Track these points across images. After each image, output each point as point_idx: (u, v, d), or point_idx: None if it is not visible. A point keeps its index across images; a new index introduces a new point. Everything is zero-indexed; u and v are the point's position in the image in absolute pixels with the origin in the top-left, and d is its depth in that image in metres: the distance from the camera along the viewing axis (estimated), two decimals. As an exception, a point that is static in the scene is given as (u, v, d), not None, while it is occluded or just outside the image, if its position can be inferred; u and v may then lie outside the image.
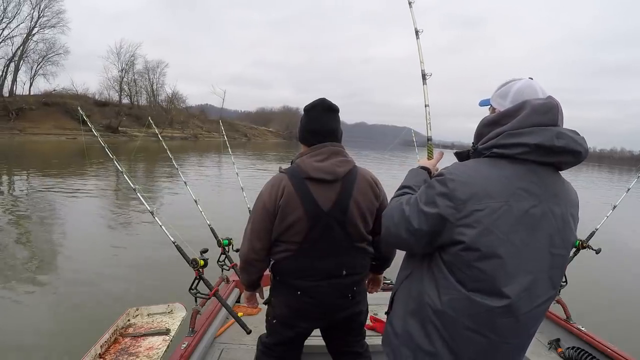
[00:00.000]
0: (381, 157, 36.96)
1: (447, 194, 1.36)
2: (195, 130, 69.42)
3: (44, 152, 31.11)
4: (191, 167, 25.08)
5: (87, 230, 9.72)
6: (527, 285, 1.33)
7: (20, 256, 7.55)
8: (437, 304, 1.40)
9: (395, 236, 1.52)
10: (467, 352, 1.38)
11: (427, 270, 1.46)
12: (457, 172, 1.39)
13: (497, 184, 1.34)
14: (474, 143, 1.52)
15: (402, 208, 1.49)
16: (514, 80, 1.54)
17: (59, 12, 54.20)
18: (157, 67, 71.02)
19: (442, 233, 1.37)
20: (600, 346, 2.86)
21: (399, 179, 1.81)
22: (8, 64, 51.48)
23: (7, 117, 44.12)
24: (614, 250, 8.51)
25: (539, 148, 1.32)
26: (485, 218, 1.31)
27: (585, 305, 3.22)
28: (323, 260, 2.08)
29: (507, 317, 1.33)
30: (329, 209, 2.04)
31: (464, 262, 1.34)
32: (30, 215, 10.86)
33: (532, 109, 1.36)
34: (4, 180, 17.81)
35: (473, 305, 1.33)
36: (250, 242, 2.12)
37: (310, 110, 2.19)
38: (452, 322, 1.37)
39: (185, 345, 2.73)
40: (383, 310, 3.62)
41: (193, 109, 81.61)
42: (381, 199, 2.20)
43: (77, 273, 6.76)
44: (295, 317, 2.17)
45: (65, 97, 52.68)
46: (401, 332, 1.53)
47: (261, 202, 2.09)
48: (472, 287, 1.34)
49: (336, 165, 2.07)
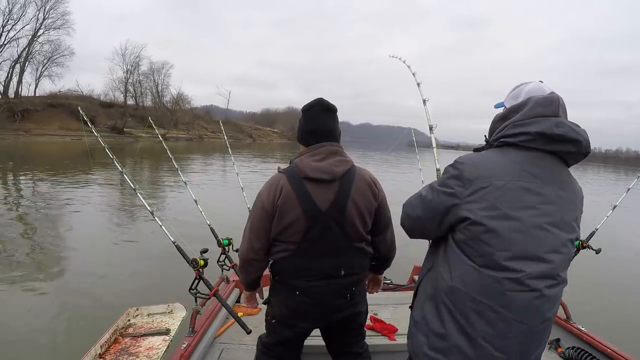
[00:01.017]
0: (386, 158, 37.01)
1: (457, 175, 1.49)
2: (200, 131, 69.62)
3: (49, 153, 31.27)
4: (194, 168, 25.16)
5: (87, 230, 9.77)
6: (534, 263, 1.39)
7: (20, 256, 7.56)
8: (448, 280, 1.48)
9: (414, 218, 1.66)
10: (479, 330, 1.40)
11: (443, 255, 1.55)
12: (468, 157, 1.54)
13: (503, 166, 1.46)
14: (486, 137, 1.67)
15: (421, 193, 1.65)
16: (525, 83, 1.65)
17: (64, 14, 54.37)
18: (162, 68, 71.45)
19: (451, 210, 1.49)
20: (600, 346, 2.85)
21: (406, 181, 1.84)
22: (14, 66, 51.72)
23: (13, 118, 44.27)
24: (614, 251, 8.48)
25: (540, 136, 1.44)
26: (490, 194, 1.42)
27: (585, 305, 3.21)
28: (321, 260, 2.08)
29: (516, 292, 1.37)
30: (327, 209, 2.04)
31: (472, 236, 1.44)
32: (32, 215, 10.93)
33: (534, 102, 1.50)
34: (7, 180, 17.96)
35: (482, 278, 1.40)
36: (249, 241, 2.12)
37: (308, 110, 2.20)
38: (462, 298, 1.43)
39: (185, 345, 2.72)
40: (383, 310, 3.66)
41: (198, 109, 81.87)
42: (380, 199, 2.19)
43: (77, 273, 6.79)
44: (294, 317, 2.17)
45: (71, 98, 52.81)
46: (419, 320, 1.60)
47: (260, 202, 2.09)
48: (480, 262, 1.42)
49: (334, 165, 2.07)
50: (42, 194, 14.33)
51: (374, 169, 3.38)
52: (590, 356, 2.80)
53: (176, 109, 69.91)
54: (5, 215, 10.50)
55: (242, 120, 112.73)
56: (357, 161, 2.22)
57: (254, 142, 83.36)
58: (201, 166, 27.17)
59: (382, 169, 28.90)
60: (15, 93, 51.99)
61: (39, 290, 5.95)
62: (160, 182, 18.43)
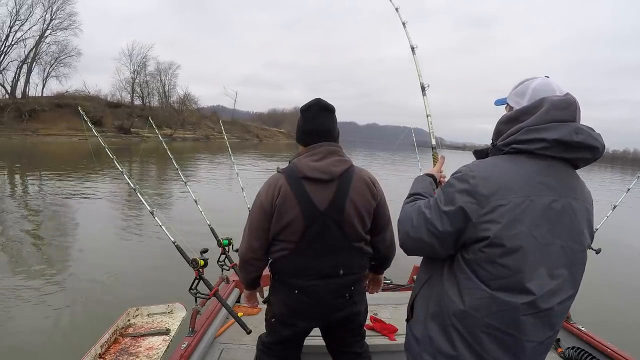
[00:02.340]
0: (393, 158, 36.97)
1: (469, 190, 1.36)
2: (207, 131, 69.67)
3: (56, 153, 31.46)
4: (199, 168, 25.23)
5: (88, 230, 9.82)
6: (550, 281, 1.33)
7: (20, 255, 7.60)
8: (459, 305, 1.39)
9: (416, 240, 1.50)
10: (492, 352, 1.36)
11: (448, 271, 1.46)
12: (477, 168, 1.40)
13: (517, 178, 1.34)
14: (493, 140, 1.53)
15: (422, 211, 1.49)
16: (530, 79, 1.57)
17: (70, 15, 54.69)
18: (169, 69, 71.48)
19: (465, 231, 1.37)
20: (600, 346, 2.84)
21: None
22: (21, 66, 52.11)
23: (20, 119, 44.58)
24: (614, 251, 8.41)
25: (558, 143, 1.33)
26: (509, 212, 1.31)
27: (585, 305, 3.18)
28: (320, 259, 2.08)
29: (530, 314, 1.32)
30: (325, 209, 2.04)
31: (487, 259, 1.33)
32: (32, 215, 11.00)
33: (551, 105, 1.37)
34: (11, 179, 18.10)
35: (497, 304, 1.33)
36: (248, 241, 2.13)
37: (306, 110, 2.21)
38: (475, 323, 1.36)
39: (185, 345, 2.73)
40: (383, 310, 3.65)
41: (205, 110, 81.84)
42: (379, 199, 2.19)
43: (77, 273, 6.80)
44: (293, 316, 2.18)
45: (78, 98, 52.99)
46: (422, 337, 1.52)
47: (259, 202, 2.11)
48: (495, 285, 1.33)
49: (332, 165, 2.08)
50: (47, 193, 14.45)
51: (379, 169, 3.36)
52: (590, 356, 2.79)
53: (183, 109, 69.97)
54: (6, 216, 10.60)
55: (249, 120, 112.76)
56: (363, 161, 2.21)
57: (261, 142, 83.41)
58: (206, 166, 27.22)
59: (388, 169, 28.85)
60: (23, 93, 52.39)
61: (39, 290, 5.97)
62: (163, 182, 18.56)
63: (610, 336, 2.98)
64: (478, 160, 1.49)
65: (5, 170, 20.05)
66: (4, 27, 48.79)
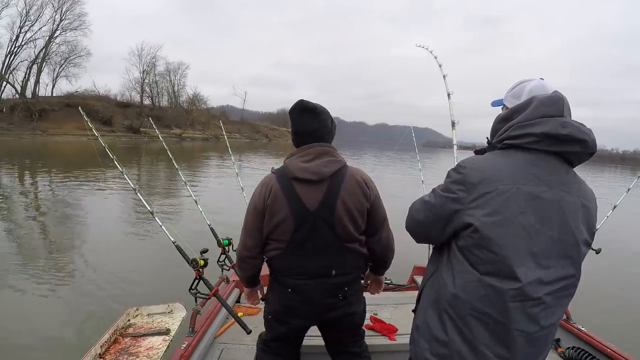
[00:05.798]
0: (402, 157, 36.90)
1: (460, 180, 1.46)
2: (216, 131, 69.85)
3: (65, 152, 31.71)
4: (205, 168, 25.32)
5: (88, 230, 9.88)
6: (537, 270, 1.37)
7: (19, 255, 7.63)
8: (450, 288, 1.46)
9: (417, 222, 1.63)
10: (480, 338, 1.39)
11: (447, 261, 1.52)
12: (471, 161, 1.51)
13: (507, 169, 1.42)
14: (490, 138, 1.63)
15: (424, 198, 1.62)
16: (526, 81, 1.66)
17: (80, 15, 55.27)
18: (178, 69, 72.07)
19: (454, 216, 1.46)
20: (600, 346, 2.82)
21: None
22: (31, 66, 52.74)
23: (30, 118, 45.09)
24: (614, 251, 8.34)
25: (546, 137, 1.40)
26: (494, 199, 1.38)
27: (585, 306, 3.16)
28: (311, 259, 2.09)
29: (519, 301, 1.35)
30: (315, 209, 2.04)
31: (475, 244, 1.40)
32: (33, 215, 11.11)
33: (539, 102, 1.46)
34: (18, 177, 18.32)
35: (484, 288, 1.38)
36: (244, 239, 2.17)
37: (291, 112, 2.20)
38: (464, 307, 1.41)
39: (185, 345, 2.73)
40: (383, 310, 3.64)
41: (214, 110, 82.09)
42: (372, 199, 2.17)
43: (76, 273, 6.82)
44: (287, 314, 2.20)
45: (88, 98, 53.50)
46: (421, 325, 1.58)
47: (252, 202, 2.14)
48: (484, 270, 1.39)
49: (322, 166, 2.07)
50: (54, 192, 14.62)
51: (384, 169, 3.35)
52: (590, 356, 2.77)
53: (192, 109, 70.25)
54: (8, 215, 10.73)
55: (258, 120, 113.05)
56: (370, 160, 2.21)
57: (270, 142, 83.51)
58: (212, 166, 27.32)
59: (394, 169, 28.82)
60: (33, 93, 53.04)
61: (39, 291, 5.99)
62: (166, 182, 18.63)
63: (610, 336, 2.96)
64: (474, 156, 1.58)
65: (16, 168, 20.26)
66: (14, 28, 49.43)
